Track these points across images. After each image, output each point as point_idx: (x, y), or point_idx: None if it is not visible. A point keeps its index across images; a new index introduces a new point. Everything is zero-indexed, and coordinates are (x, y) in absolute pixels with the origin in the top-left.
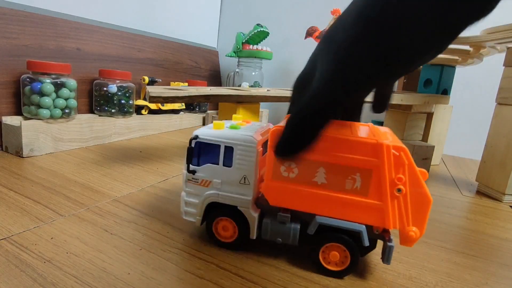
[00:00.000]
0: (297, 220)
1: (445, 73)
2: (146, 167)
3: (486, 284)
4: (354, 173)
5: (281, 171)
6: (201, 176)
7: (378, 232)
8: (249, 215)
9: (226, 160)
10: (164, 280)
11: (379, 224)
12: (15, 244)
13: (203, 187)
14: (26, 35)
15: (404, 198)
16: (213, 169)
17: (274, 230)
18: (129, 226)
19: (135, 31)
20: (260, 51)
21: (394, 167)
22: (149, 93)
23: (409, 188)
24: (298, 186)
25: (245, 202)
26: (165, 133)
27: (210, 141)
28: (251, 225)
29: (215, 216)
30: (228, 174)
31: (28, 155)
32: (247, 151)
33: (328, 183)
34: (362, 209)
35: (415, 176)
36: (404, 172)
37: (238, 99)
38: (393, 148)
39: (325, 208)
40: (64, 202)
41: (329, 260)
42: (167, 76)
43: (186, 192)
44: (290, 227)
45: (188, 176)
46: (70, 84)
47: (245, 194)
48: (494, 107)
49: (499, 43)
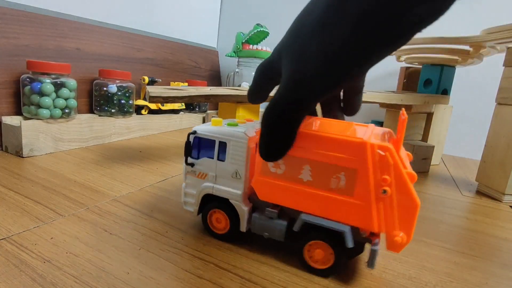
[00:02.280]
0: (285, 217)
1: (445, 73)
2: (145, 167)
3: (486, 284)
4: (339, 172)
5: (269, 166)
6: (198, 169)
7: (365, 235)
8: (240, 209)
9: (221, 155)
10: (163, 279)
11: (364, 225)
12: (15, 244)
13: (200, 179)
14: (26, 35)
15: (390, 200)
16: (209, 163)
17: (262, 224)
18: (129, 226)
19: (135, 31)
20: (260, 51)
21: (380, 168)
22: (149, 93)
23: (395, 190)
24: (285, 182)
25: (236, 196)
26: (165, 133)
27: (206, 136)
28: (242, 218)
29: (210, 208)
30: (222, 168)
31: (28, 155)
32: (238, 146)
33: (314, 180)
34: (347, 209)
35: (401, 178)
36: (389, 173)
37: (238, 99)
38: (378, 147)
39: (310, 205)
40: (64, 202)
41: (315, 258)
42: (167, 76)
43: (186, 183)
44: (277, 223)
45: (188, 168)
46: (70, 84)
47: (237, 188)
48: (494, 107)
49: (499, 43)
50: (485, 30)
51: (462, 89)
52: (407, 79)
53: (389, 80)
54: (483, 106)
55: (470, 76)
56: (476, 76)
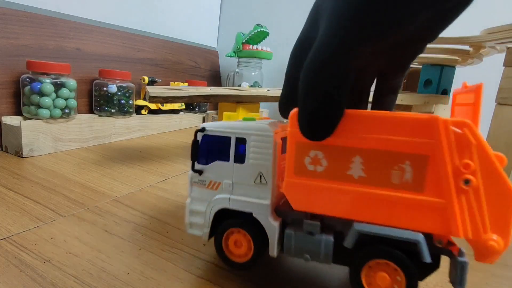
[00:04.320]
0: (329, 230)
1: (445, 73)
2: (145, 167)
3: (487, 284)
4: (403, 161)
5: (306, 163)
6: (209, 177)
7: (442, 245)
8: (268, 225)
9: (238, 155)
10: (163, 280)
11: (443, 231)
12: (15, 244)
13: (212, 190)
14: (26, 35)
15: (476, 193)
16: (222, 167)
17: (300, 244)
18: (129, 226)
19: (135, 31)
20: (260, 51)
21: (458, 150)
22: (149, 93)
23: (481, 179)
24: (329, 182)
25: (262, 207)
26: (165, 133)
27: (219, 133)
28: (271, 238)
29: (226, 228)
30: (241, 173)
31: (28, 155)
32: (262, 141)
33: (368, 176)
34: (417, 210)
35: (488, 161)
36: (471, 156)
37: (238, 99)
38: (452, 124)
39: (365, 211)
40: (63, 202)
41: (377, 285)
42: (167, 76)
43: (192, 198)
44: (321, 239)
45: (194, 177)
46: (70, 84)
47: (262, 196)
48: (494, 107)
49: (499, 43)
50: (485, 30)
51: None
52: (407, 79)
53: None
54: (483, 106)
55: (470, 76)
56: (476, 76)
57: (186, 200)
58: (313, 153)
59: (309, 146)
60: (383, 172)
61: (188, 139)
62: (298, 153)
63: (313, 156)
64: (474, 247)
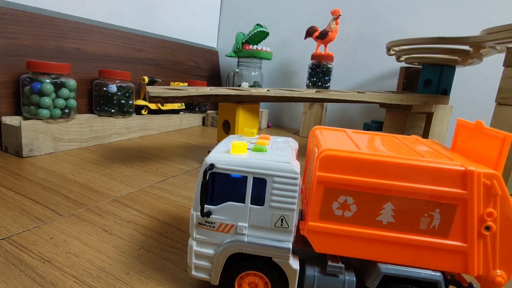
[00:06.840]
0: (350, 269)
1: (445, 73)
2: (145, 167)
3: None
4: (433, 209)
5: (334, 208)
6: (219, 219)
7: (452, 278)
8: (289, 269)
9: (255, 197)
10: (163, 280)
11: (460, 270)
12: (15, 244)
13: (222, 233)
14: (26, 35)
15: (492, 237)
16: (236, 209)
17: (323, 285)
18: (128, 226)
19: (135, 31)
20: (260, 51)
21: (484, 200)
22: (149, 93)
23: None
24: (357, 227)
25: (283, 251)
26: (165, 133)
27: (231, 172)
28: (291, 280)
29: (239, 271)
30: (259, 215)
31: (28, 155)
32: (286, 184)
33: (397, 222)
34: (440, 253)
35: (508, 208)
36: (495, 205)
37: (238, 99)
38: (483, 176)
39: (390, 253)
40: (63, 202)
41: None
42: (167, 76)
43: (197, 240)
44: (344, 280)
45: (200, 220)
46: (70, 84)
47: (282, 240)
48: (494, 107)
49: (499, 43)
50: (485, 30)
51: (462, 89)
52: (407, 79)
53: (389, 80)
54: (483, 106)
55: (470, 76)
56: (476, 76)
57: (189, 240)
58: (342, 198)
59: (339, 192)
60: (412, 219)
61: (188, 139)
62: (325, 198)
63: (343, 201)
64: (482, 282)
